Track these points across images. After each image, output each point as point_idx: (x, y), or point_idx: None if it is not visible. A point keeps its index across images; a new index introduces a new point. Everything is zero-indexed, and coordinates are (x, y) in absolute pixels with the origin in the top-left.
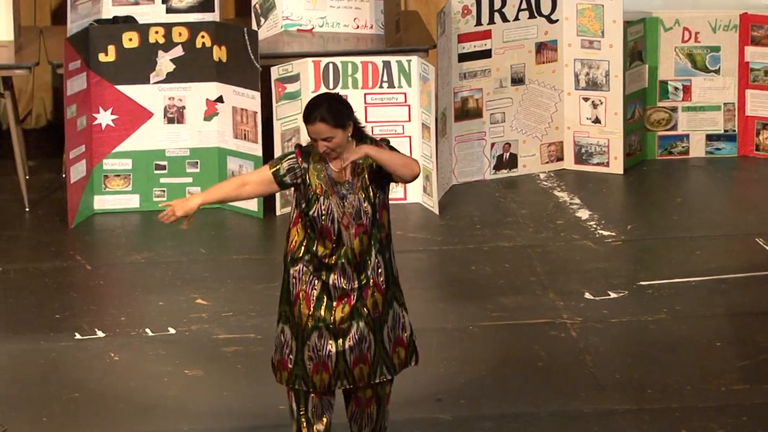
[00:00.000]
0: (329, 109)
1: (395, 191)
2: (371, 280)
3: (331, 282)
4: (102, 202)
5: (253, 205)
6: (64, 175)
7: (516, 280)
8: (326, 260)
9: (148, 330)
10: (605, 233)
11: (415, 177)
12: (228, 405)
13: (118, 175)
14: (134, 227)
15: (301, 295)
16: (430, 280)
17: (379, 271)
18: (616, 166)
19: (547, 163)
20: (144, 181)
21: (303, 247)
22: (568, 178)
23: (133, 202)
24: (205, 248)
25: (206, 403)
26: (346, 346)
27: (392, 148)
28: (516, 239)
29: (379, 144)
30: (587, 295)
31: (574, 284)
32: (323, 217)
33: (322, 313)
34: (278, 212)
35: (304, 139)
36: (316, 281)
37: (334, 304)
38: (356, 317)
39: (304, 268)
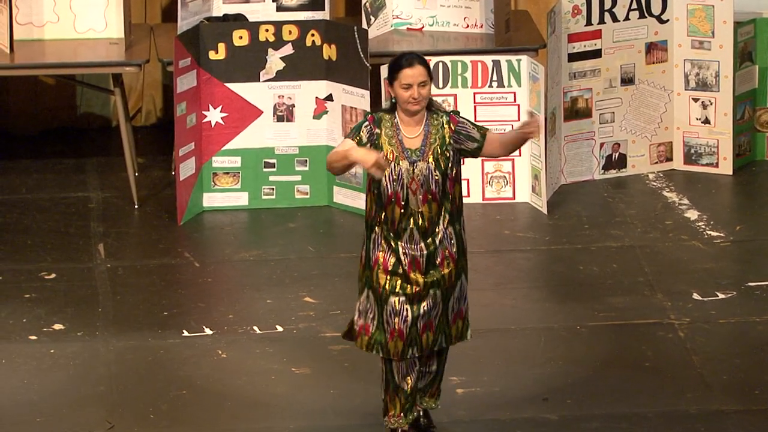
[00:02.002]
0: (423, 57)
1: (504, 191)
2: (446, 251)
3: (401, 248)
4: (211, 200)
5: (361, 204)
6: (173, 173)
7: (624, 281)
8: (396, 225)
9: (255, 328)
10: (714, 234)
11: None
12: (335, 403)
13: (227, 173)
14: (243, 225)
15: (379, 260)
16: (538, 279)
17: (452, 242)
18: (726, 167)
19: (656, 163)
20: (253, 179)
21: (375, 214)
22: (677, 179)
23: (241, 199)
24: (314, 246)
25: (313, 401)
26: (420, 312)
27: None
28: (624, 239)
29: (452, 115)
30: (695, 296)
31: (682, 285)
32: (393, 182)
33: (398, 279)
34: None
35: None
36: (390, 247)
37: (407, 269)
38: (432, 285)
39: (380, 234)
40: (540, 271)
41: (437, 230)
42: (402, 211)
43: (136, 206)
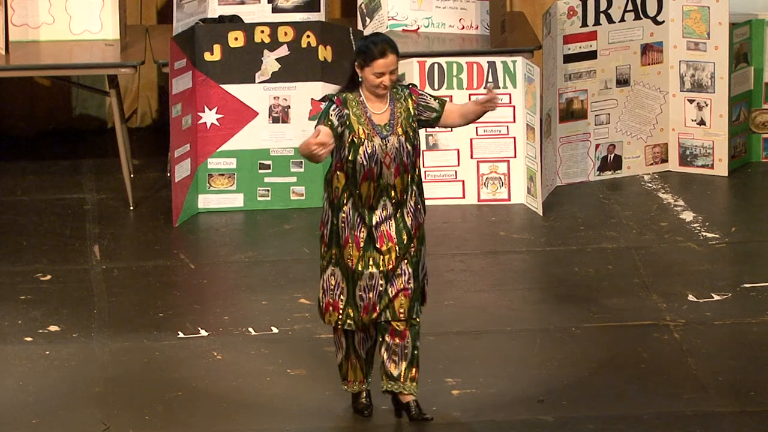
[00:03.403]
0: (394, 43)
1: (499, 192)
2: (415, 221)
3: (374, 222)
4: (206, 201)
5: None
6: (168, 174)
7: (619, 282)
8: (370, 201)
9: (251, 329)
10: (709, 235)
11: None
12: (330, 405)
13: (223, 174)
14: (238, 226)
15: (350, 239)
16: (533, 281)
17: (418, 210)
18: (721, 169)
19: (651, 164)
20: (248, 181)
21: (347, 192)
22: (673, 180)
23: (237, 201)
24: (309, 248)
25: (309, 403)
26: (393, 282)
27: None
28: (619, 241)
29: (412, 88)
30: (691, 297)
31: (677, 286)
32: (368, 159)
33: (372, 254)
34: None
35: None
36: (362, 225)
37: (379, 244)
38: (405, 255)
39: (350, 213)
40: (535, 272)
41: (407, 202)
42: (376, 185)
43: (131, 208)
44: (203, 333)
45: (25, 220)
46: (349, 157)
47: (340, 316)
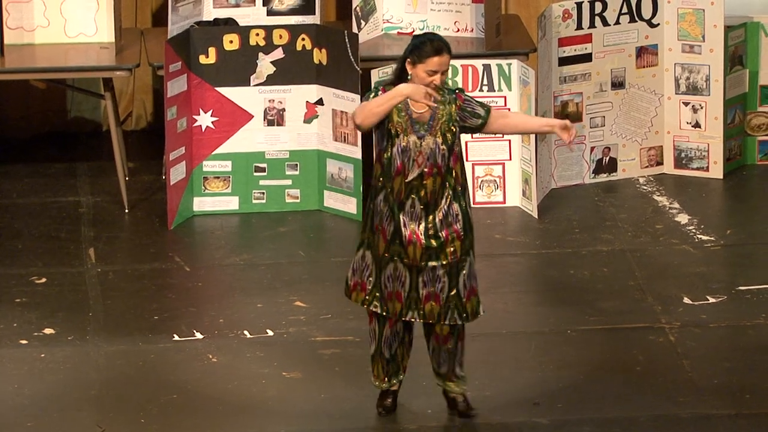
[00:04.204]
0: (449, 44)
1: (494, 195)
2: (450, 227)
3: (401, 219)
4: (201, 204)
5: (352, 208)
6: (163, 177)
7: (614, 285)
8: (400, 197)
9: (246, 332)
10: (704, 238)
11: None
12: (325, 407)
13: (218, 177)
14: (233, 229)
15: (379, 228)
16: (528, 283)
17: (458, 217)
18: (716, 171)
19: (646, 167)
20: (243, 183)
21: (381, 182)
22: (668, 183)
23: (232, 204)
24: (304, 250)
25: (304, 406)
26: (419, 281)
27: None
28: (615, 243)
29: (458, 93)
30: (686, 300)
31: (672, 289)
32: (401, 154)
33: (397, 247)
34: None
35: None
36: (391, 218)
37: (406, 240)
38: (431, 258)
39: (383, 203)
40: (531, 275)
41: (440, 206)
42: (407, 182)
43: (126, 210)
44: (198, 336)
45: (20, 223)
46: (385, 148)
47: (367, 297)
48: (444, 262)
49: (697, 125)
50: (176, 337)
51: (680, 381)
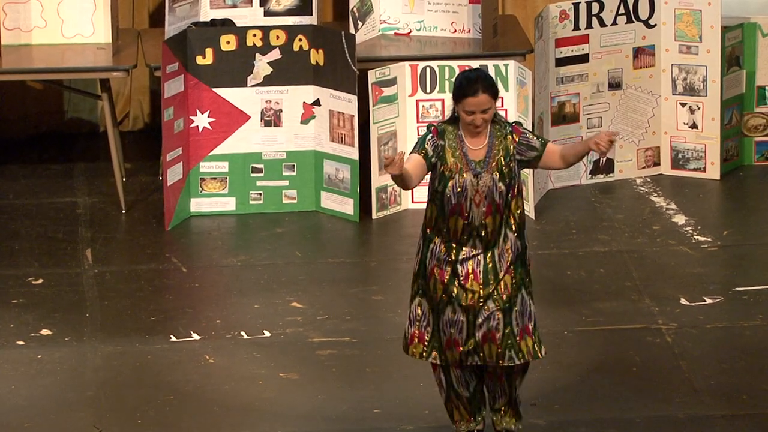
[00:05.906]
0: (490, 81)
1: None
2: (505, 262)
3: (460, 257)
4: (198, 205)
5: (349, 209)
6: (160, 178)
7: (611, 286)
8: (458, 236)
9: (243, 333)
10: (701, 239)
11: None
12: (322, 408)
13: (215, 178)
14: (230, 230)
15: (435, 271)
16: None
17: (516, 254)
18: (713, 172)
19: (643, 168)
20: (240, 184)
21: (435, 225)
22: (665, 184)
23: (229, 205)
24: (301, 252)
25: (300, 407)
26: (477, 322)
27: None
28: (611, 244)
29: (515, 126)
30: (683, 301)
31: (669, 290)
32: (457, 195)
33: (455, 289)
34: (374, 216)
35: (403, 141)
36: (449, 259)
37: (463, 281)
38: (488, 297)
39: (438, 246)
40: None
41: (499, 243)
42: (465, 222)
43: (123, 211)
44: (195, 336)
45: (17, 224)
46: (439, 190)
47: (425, 349)
48: (497, 301)
49: (694, 126)
50: (173, 338)
51: (677, 382)
